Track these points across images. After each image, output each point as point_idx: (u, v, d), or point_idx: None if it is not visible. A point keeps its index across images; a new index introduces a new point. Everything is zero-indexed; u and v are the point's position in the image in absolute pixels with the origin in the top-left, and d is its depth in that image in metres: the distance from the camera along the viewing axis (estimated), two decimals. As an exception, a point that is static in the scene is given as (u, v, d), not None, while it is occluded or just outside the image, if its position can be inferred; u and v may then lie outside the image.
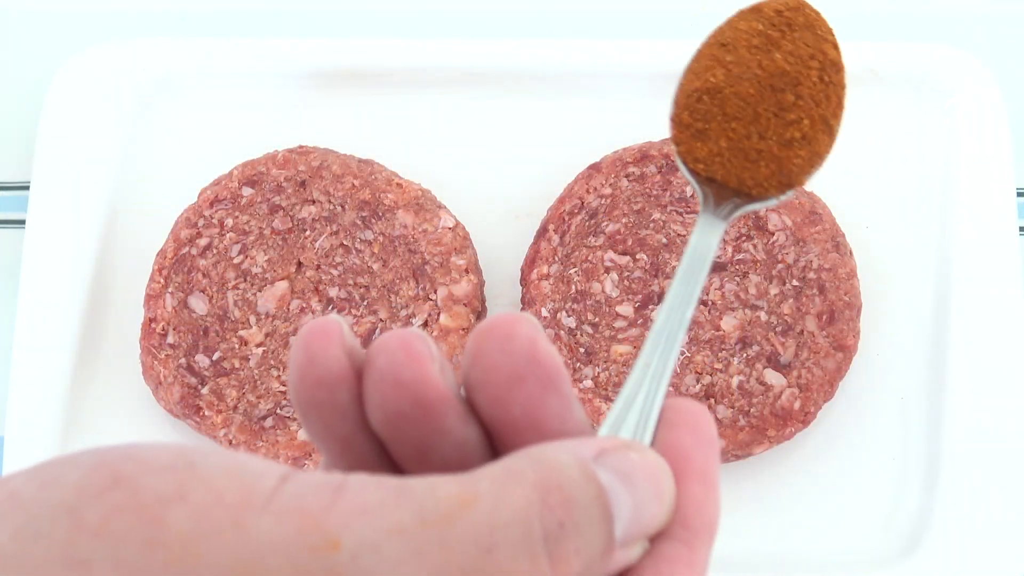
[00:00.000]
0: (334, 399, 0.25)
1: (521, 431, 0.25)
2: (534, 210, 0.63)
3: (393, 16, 0.70)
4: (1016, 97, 0.66)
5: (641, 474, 0.24)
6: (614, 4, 0.70)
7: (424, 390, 0.25)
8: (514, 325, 0.25)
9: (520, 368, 0.25)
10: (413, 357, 0.25)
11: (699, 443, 0.27)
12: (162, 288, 0.59)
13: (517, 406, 0.25)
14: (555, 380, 0.25)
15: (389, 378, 0.25)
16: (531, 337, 0.25)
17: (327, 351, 0.25)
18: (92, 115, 0.64)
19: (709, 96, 0.40)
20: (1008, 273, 0.60)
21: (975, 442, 0.58)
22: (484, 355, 0.25)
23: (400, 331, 0.26)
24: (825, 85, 0.41)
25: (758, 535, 0.58)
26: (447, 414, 0.25)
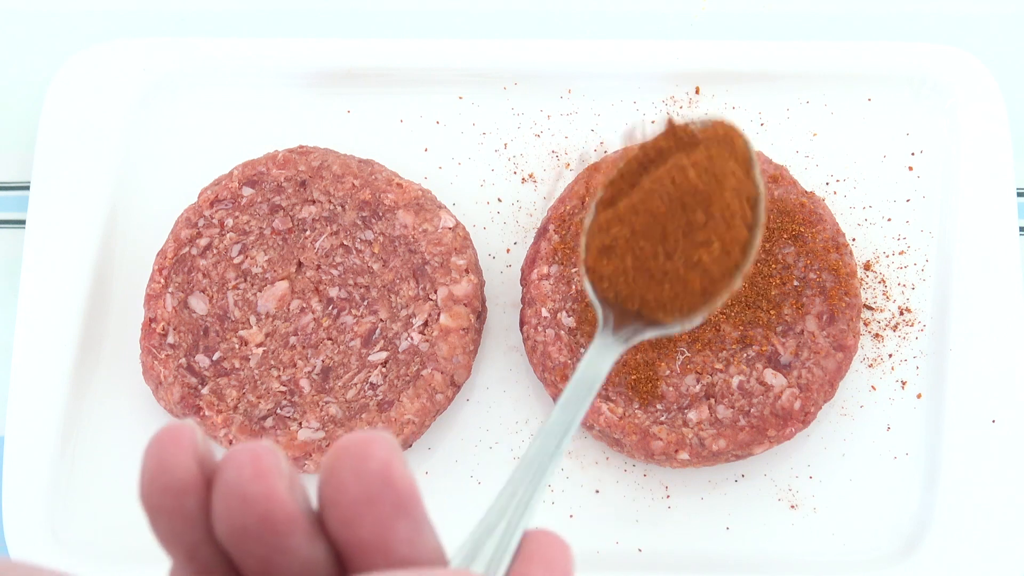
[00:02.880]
0: (181, 507, 0.25)
1: (370, 553, 0.25)
2: (534, 210, 0.63)
3: (393, 16, 0.70)
4: (1016, 97, 0.66)
5: None
6: (614, 4, 0.70)
7: (269, 507, 0.25)
8: (369, 446, 0.25)
9: (372, 490, 0.25)
10: (261, 472, 0.25)
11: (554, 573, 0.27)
12: (162, 288, 0.59)
13: (366, 528, 0.25)
14: (407, 504, 0.25)
15: (235, 492, 0.25)
16: (385, 460, 0.25)
17: (176, 458, 0.25)
18: (92, 115, 0.64)
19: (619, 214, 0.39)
20: (1008, 273, 0.60)
21: (975, 442, 0.58)
22: (337, 474, 0.25)
23: (251, 444, 0.25)
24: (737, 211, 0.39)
25: (758, 535, 0.58)
26: (293, 532, 0.25)
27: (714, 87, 0.65)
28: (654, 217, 0.38)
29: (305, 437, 0.56)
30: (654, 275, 0.38)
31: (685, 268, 0.38)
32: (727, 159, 0.40)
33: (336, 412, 0.56)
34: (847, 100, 0.65)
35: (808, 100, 0.65)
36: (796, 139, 0.64)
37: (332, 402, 0.56)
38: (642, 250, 0.38)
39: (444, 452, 0.59)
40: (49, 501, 0.58)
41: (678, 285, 0.38)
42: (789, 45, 0.65)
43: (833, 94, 0.65)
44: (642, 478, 0.59)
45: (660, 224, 0.38)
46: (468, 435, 0.60)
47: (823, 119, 0.65)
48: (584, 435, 0.59)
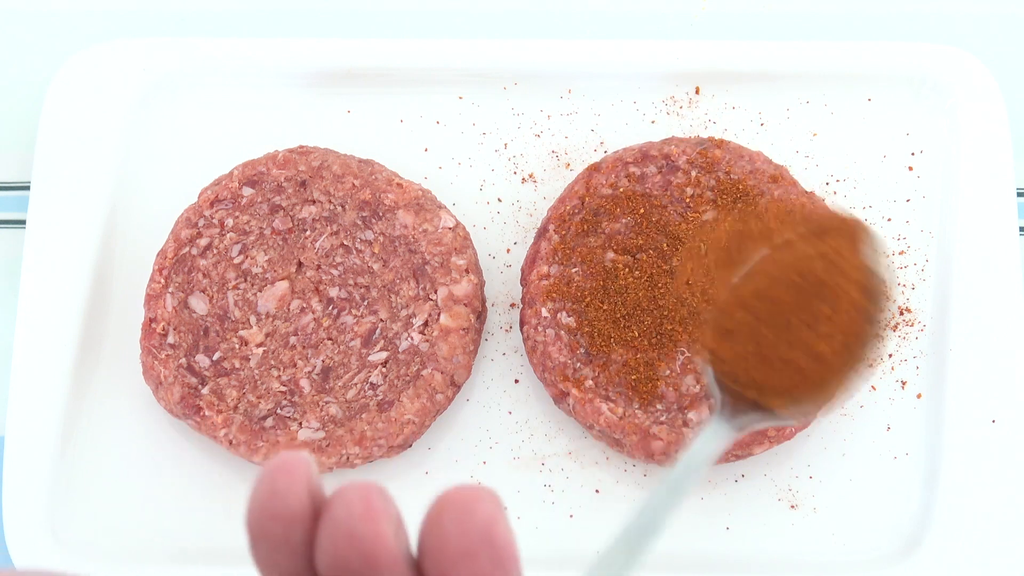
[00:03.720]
0: (287, 535, 0.26)
1: None
2: (534, 210, 0.63)
3: (393, 16, 0.70)
4: (1016, 97, 0.66)
5: None
6: (614, 4, 0.70)
7: (374, 547, 0.25)
8: (476, 501, 0.26)
9: (473, 544, 0.25)
10: (371, 513, 0.25)
11: None
12: (162, 288, 0.59)
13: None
14: (506, 563, 0.26)
15: (344, 529, 0.25)
16: (490, 515, 0.26)
17: (290, 487, 0.26)
18: (92, 115, 0.64)
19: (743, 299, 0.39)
20: (1008, 273, 0.60)
21: (975, 442, 0.58)
22: (440, 523, 0.26)
23: (363, 484, 0.26)
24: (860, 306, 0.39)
25: (758, 535, 0.58)
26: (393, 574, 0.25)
27: (714, 87, 0.65)
28: (778, 306, 0.38)
29: (305, 437, 0.56)
30: (774, 364, 0.38)
31: (805, 359, 0.38)
32: (852, 251, 0.40)
33: (336, 412, 0.56)
34: (847, 100, 0.65)
35: (808, 100, 0.65)
36: (796, 139, 0.64)
37: (332, 402, 0.56)
38: (764, 338, 0.38)
39: (444, 452, 0.59)
40: (49, 501, 0.58)
41: (797, 375, 0.38)
42: (789, 45, 0.65)
43: (833, 94, 0.65)
44: (642, 478, 0.59)
45: (784, 314, 0.38)
46: (468, 435, 0.60)
47: (823, 119, 0.65)
48: (584, 435, 0.59)
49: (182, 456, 0.59)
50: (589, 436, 0.59)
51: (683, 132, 0.64)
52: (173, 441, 0.60)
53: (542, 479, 0.59)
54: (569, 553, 0.57)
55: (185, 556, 0.57)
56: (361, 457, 0.56)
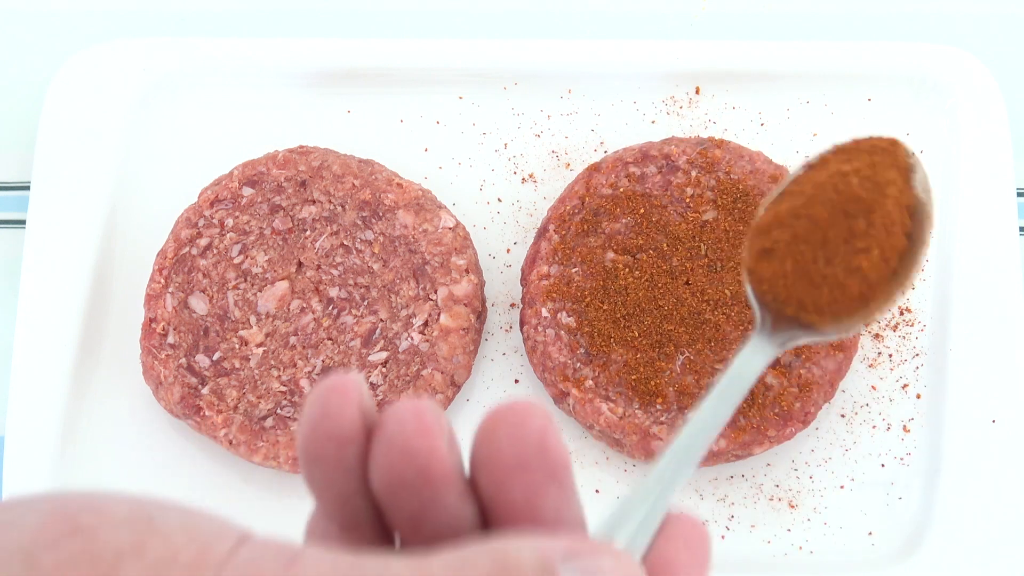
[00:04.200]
0: (341, 456, 0.26)
1: (516, 516, 0.26)
2: (534, 210, 0.63)
3: (393, 16, 0.70)
4: (1016, 97, 0.66)
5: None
6: (614, 4, 0.70)
7: (429, 462, 0.25)
8: (528, 413, 0.26)
9: (526, 455, 0.26)
10: (424, 428, 0.25)
11: (692, 559, 0.27)
12: (162, 288, 0.59)
13: (517, 491, 0.26)
14: (559, 473, 0.26)
15: (398, 445, 0.25)
16: (543, 427, 0.26)
17: (343, 409, 0.26)
18: (92, 115, 0.64)
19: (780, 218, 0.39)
20: (1008, 273, 0.60)
21: (975, 442, 0.58)
22: (493, 437, 0.26)
23: (416, 401, 0.26)
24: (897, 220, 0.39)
25: (758, 535, 0.58)
26: (448, 489, 0.26)
27: (714, 87, 0.65)
28: (816, 223, 0.38)
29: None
30: (813, 280, 0.38)
31: (844, 274, 0.38)
32: (888, 167, 0.40)
33: (336, 412, 0.56)
34: (847, 100, 0.65)
35: (808, 100, 0.65)
36: (796, 139, 0.64)
37: (332, 402, 0.56)
38: (802, 255, 0.38)
39: (444, 452, 0.59)
40: (49, 501, 0.58)
41: (836, 291, 0.38)
42: (789, 45, 0.65)
43: (833, 94, 0.65)
44: (642, 478, 0.59)
45: (821, 230, 0.38)
46: (468, 435, 0.59)
47: (823, 119, 0.65)
48: (584, 435, 0.59)
49: (182, 456, 0.59)
50: (589, 436, 0.59)
51: (683, 132, 0.64)
52: (173, 441, 0.60)
53: (542, 479, 0.59)
54: (569, 553, 0.57)
55: (185, 556, 0.57)
56: (361, 457, 0.56)
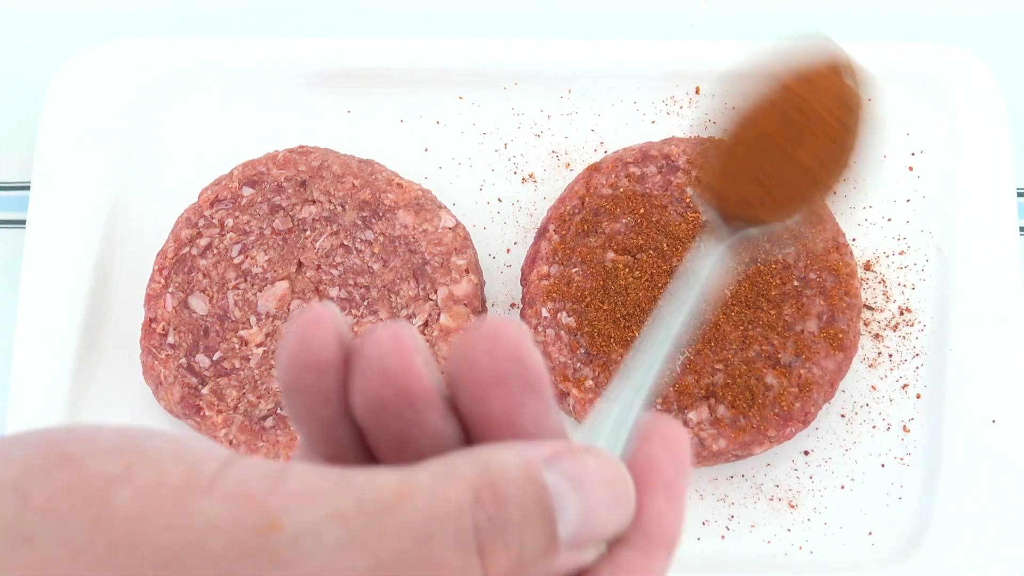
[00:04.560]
0: (320, 384, 0.26)
1: (497, 429, 0.26)
2: (534, 210, 0.63)
3: (393, 16, 0.70)
4: (1016, 97, 0.66)
5: (595, 479, 0.25)
6: (614, 4, 0.70)
7: (408, 381, 0.25)
8: (502, 326, 0.26)
9: (503, 368, 0.26)
10: (401, 349, 0.25)
11: (671, 458, 0.27)
12: (162, 288, 0.59)
13: (496, 404, 0.26)
14: (536, 383, 0.26)
15: (376, 367, 0.25)
16: (517, 339, 0.26)
17: (319, 337, 0.26)
18: (92, 115, 0.64)
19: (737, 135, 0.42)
20: (1008, 273, 0.60)
21: (975, 442, 0.58)
22: (469, 352, 0.26)
23: (389, 323, 0.26)
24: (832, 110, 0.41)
25: (758, 535, 0.58)
26: (428, 407, 0.26)
27: (714, 87, 0.65)
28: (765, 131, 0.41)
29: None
30: (756, 176, 0.40)
31: (782, 166, 0.40)
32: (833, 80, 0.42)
33: (336, 412, 0.56)
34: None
35: (808, 100, 0.65)
36: (796, 139, 0.64)
37: (332, 402, 0.56)
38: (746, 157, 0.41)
39: (444, 452, 0.59)
40: (49, 501, 0.58)
41: (775, 183, 0.40)
42: (789, 45, 0.65)
43: (833, 94, 0.65)
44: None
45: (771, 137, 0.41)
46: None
47: (823, 119, 0.65)
48: (584, 435, 0.59)
49: (182, 456, 0.59)
50: (589, 436, 0.59)
51: (683, 132, 0.64)
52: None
53: (542, 479, 0.59)
54: (569, 553, 0.57)
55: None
56: (361, 457, 0.56)
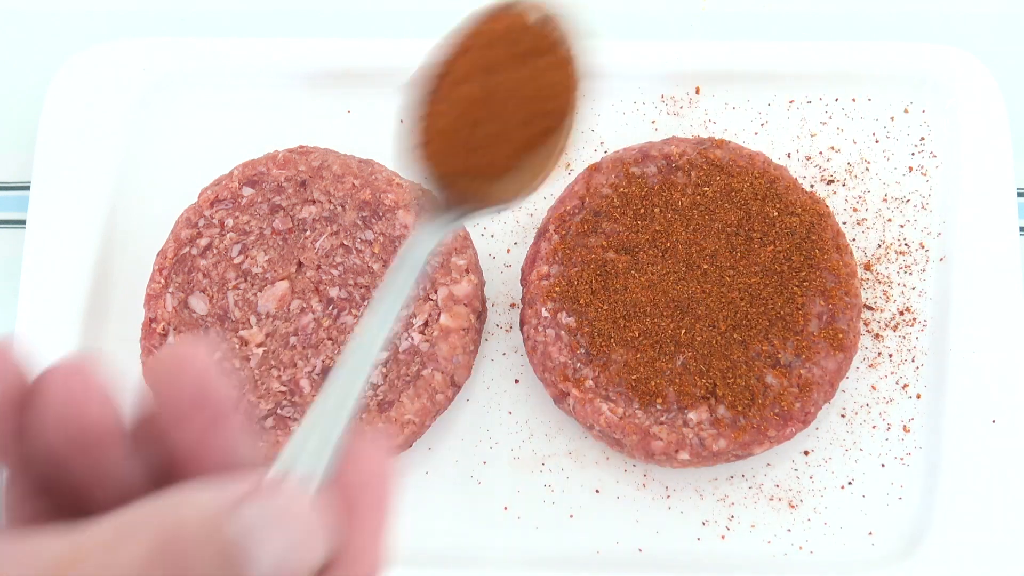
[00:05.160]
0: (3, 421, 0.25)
1: (185, 465, 0.25)
2: (534, 210, 0.63)
3: (393, 16, 0.70)
4: (1016, 97, 0.66)
5: (288, 517, 0.24)
6: (614, 4, 0.70)
7: (84, 424, 0.25)
8: (185, 358, 0.25)
9: (187, 403, 0.25)
10: (73, 391, 0.25)
11: (374, 480, 0.27)
12: (163, 288, 0.59)
13: (184, 439, 0.25)
14: (224, 414, 0.25)
15: (51, 411, 0.25)
16: (201, 371, 0.25)
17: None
18: (92, 115, 0.64)
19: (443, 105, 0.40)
20: (1008, 273, 0.60)
21: (975, 442, 0.58)
22: (154, 388, 0.25)
23: (67, 361, 0.25)
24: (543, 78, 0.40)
25: (757, 535, 0.58)
26: (109, 448, 0.25)
27: (714, 87, 0.65)
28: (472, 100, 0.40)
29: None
30: (472, 145, 0.39)
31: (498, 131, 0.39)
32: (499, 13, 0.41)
33: (336, 412, 0.56)
34: (847, 100, 0.65)
35: (808, 100, 0.65)
36: (796, 139, 0.64)
37: (332, 402, 0.56)
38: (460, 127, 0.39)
39: (444, 452, 0.59)
40: (49, 501, 0.58)
41: (494, 148, 0.39)
42: (789, 45, 0.65)
43: (833, 94, 0.65)
44: (642, 478, 0.59)
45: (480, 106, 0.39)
46: (468, 435, 0.60)
47: (823, 119, 0.65)
48: (584, 435, 0.59)
49: (182, 456, 0.59)
50: (589, 436, 0.59)
51: (683, 132, 0.64)
52: None
53: (542, 479, 0.59)
54: (569, 553, 0.57)
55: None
56: (361, 457, 0.56)
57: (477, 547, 0.58)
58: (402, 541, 0.58)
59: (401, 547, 0.58)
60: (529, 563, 0.57)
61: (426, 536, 0.58)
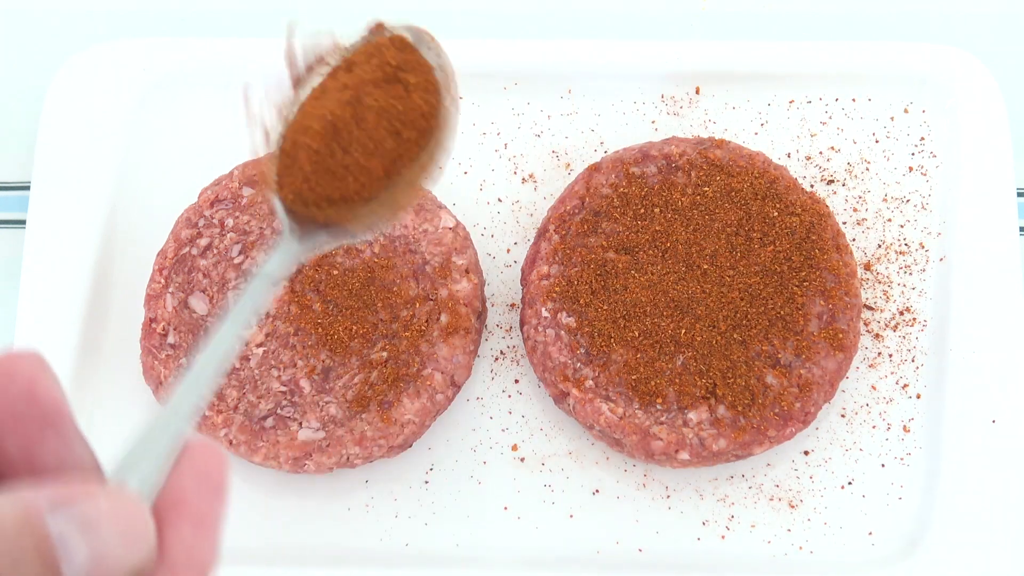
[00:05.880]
0: None
1: (16, 470, 0.25)
2: (534, 210, 0.63)
3: (393, 16, 0.69)
4: (1016, 97, 0.66)
5: (106, 521, 0.24)
6: (614, 4, 0.70)
7: None
8: (14, 363, 0.26)
9: (17, 407, 0.25)
10: None
11: (200, 487, 0.27)
12: (163, 288, 0.59)
13: (12, 444, 0.25)
14: (54, 419, 0.26)
15: None
16: (30, 376, 0.25)
17: None
18: (92, 115, 0.64)
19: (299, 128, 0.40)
20: (1008, 273, 0.60)
21: (975, 442, 0.58)
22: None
23: None
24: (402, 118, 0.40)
25: (757, 535, 0.58)
26: None
27: (714, 87, 0.65)
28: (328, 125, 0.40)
29: (305, 437, 0.56)
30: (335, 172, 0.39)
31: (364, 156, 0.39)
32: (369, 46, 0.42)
33: (336, 412, 0.56)
34: (847, 100, 0.65)
35: (808, 100, 0.65)
36: (796, 139, 0.64)
37: (332, 402, 0.56)
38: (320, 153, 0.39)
39: (444, 452, 0.59)
40: (49, 501, 0.58)
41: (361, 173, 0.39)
42: (789, 45, 0.65)
43: (833, 94, 0.65)
44: (642, 478, 0.59)
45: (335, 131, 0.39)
46: (468, 435, 0.60)
47: (823, 119, 0.65)
48: (584, 435, 0.59)
49: (182, 456, 0.59)
50: (589, 436, 0.59)
51: (683, 132, 0.64)
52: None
53: (542, 479, 0.59)
54: (569, 553, 0.57)
55: (185, 556, 0.57)
56: (361, 457, 0.56)
57: (477, 547, 0.58)
58: (402, 541, 0.58)
59: (401, 547, 0.58)
60: (529, 563, 0.57)
61: (426, 536, 0.58)
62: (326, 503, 0.59)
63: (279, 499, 0.59)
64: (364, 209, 0.39)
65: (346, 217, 0.39)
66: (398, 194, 0.40)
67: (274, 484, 0.59)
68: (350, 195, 0.39)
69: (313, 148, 0.39)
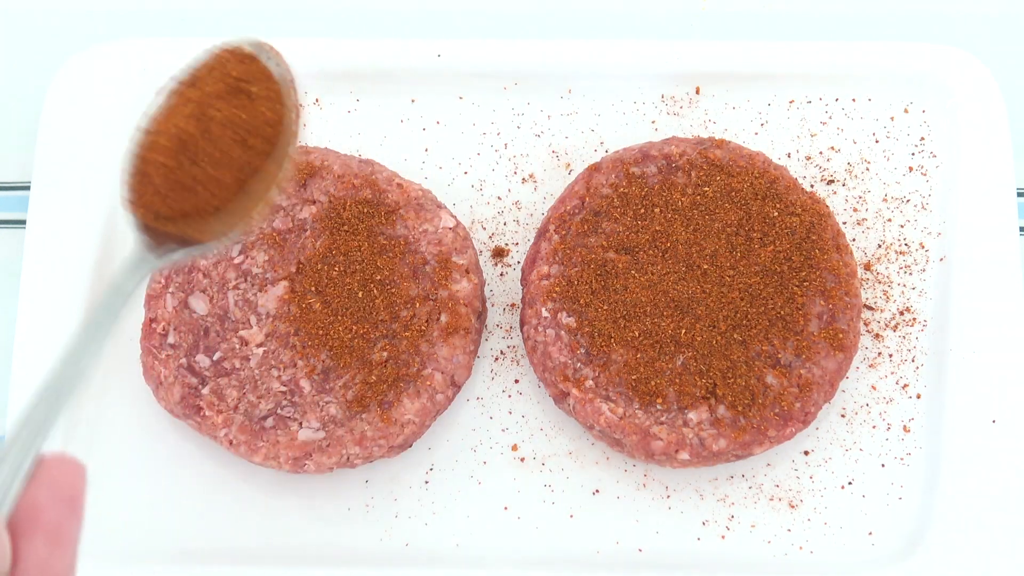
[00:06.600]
0: None
1: None
2: (534, 210, 0.63)
3: (393, 16, 0.70)
4: (1016, 97, 0.66)
5: None
6: (614, 4, 0.70)
7: None
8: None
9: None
10: None
11: (55, 501, 0.27)
12: (163, 288, 0.59)
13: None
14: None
15: None
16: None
17: None
18: (92, 115, 0.64)
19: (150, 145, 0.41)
20: (1008, 273, 0.60)
21: (975, 442, 0.58)
22: None
23: None
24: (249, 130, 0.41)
25: (758, 535, 0.58)
26: None
27: (714, 87, 0.65)
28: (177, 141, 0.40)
29: (305, 437, 0.56)
30: (186, 184, 0.40)
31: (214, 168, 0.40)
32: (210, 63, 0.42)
33: (336, 412, 0.56)
34: (847, 100, 0.65)
35: (808, 100, 0.65)
36: (796, 139, 0.64)
37: (332, 402, 0.56)
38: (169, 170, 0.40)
39: (444, 452, 0.59)
40: (49, 501, 0.58)
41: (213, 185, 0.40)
42: (789, 45, 0.65)
43: (833, 94, 0.65)
44: (642, 478, 0.59)
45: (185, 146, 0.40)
46: (468, 435, 0.60)
47: (823, 119, 0.65)
48: (584, 435, 0.59)
49: (182, 456, 0.59)
50: (589, 436, 0.59)
51: (683, 132, 0.64)
52: (173, 441, 0.60)
53: (542, 479, 0.59)
54: (569, 553, 0.57)
55: (185, 556, 0.57)
56: (361, 457, 0.56)
57: (477, 547, 0.58)
58: (402, 541, 0.58)
59: (401, 547, 0.58)
60: (529, 563, 0.57)
61: (426, 536, 0.58)
62: (326, 503, 0.59)
63: (279, 499, 0.59)
64: (216, 220, 0.40)
65: (200, 230, 0.40)
66: (248, 203, 0.41)
67: (274, 484, 0.59)
68: (203, 207, 0.40)
69: (163, 163, 0.40)
